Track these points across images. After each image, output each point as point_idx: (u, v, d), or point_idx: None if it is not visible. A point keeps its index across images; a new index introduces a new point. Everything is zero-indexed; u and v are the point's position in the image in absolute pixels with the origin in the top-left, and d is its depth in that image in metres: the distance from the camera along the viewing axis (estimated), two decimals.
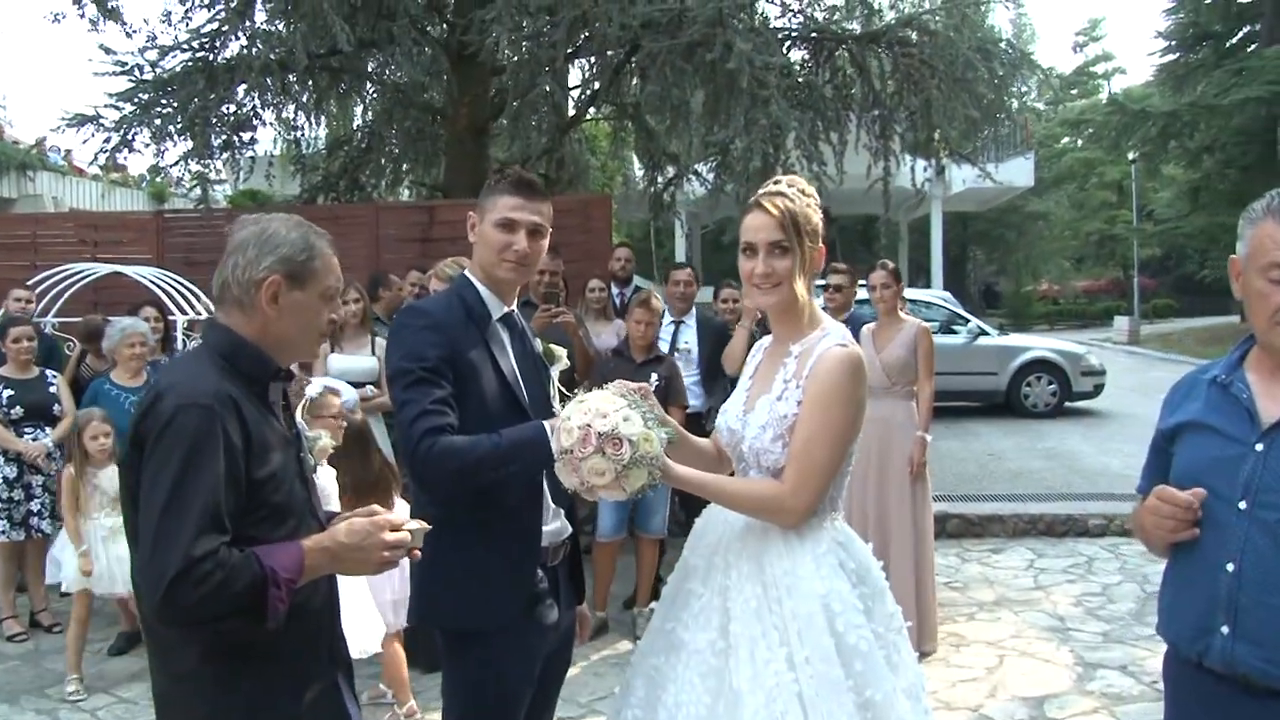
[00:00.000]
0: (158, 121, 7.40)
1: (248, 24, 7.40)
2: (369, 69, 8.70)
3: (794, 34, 8.27)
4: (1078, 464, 8.23)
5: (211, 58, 7.48)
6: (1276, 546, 1.51)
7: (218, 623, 1.45)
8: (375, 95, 9.39)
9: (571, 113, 8.76)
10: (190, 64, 7.48)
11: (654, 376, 4.23)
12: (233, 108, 7.88)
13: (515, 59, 7.12)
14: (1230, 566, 1.55)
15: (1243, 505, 1.55)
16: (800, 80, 7.72)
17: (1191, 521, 1.59)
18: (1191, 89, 18.92)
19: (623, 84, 8.43)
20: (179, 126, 7.42)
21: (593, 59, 8.05)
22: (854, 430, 1.87)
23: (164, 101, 7.46)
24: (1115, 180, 31.70)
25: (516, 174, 2.05)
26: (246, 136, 8.19)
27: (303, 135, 9.30)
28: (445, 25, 7.92)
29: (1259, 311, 1.58)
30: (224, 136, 7.89)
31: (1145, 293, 30.04)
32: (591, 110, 9.36)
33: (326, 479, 3.16)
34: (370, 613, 3.28)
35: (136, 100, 7.50)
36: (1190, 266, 29.47)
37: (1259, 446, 1.56)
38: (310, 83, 8.36)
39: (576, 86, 9.14)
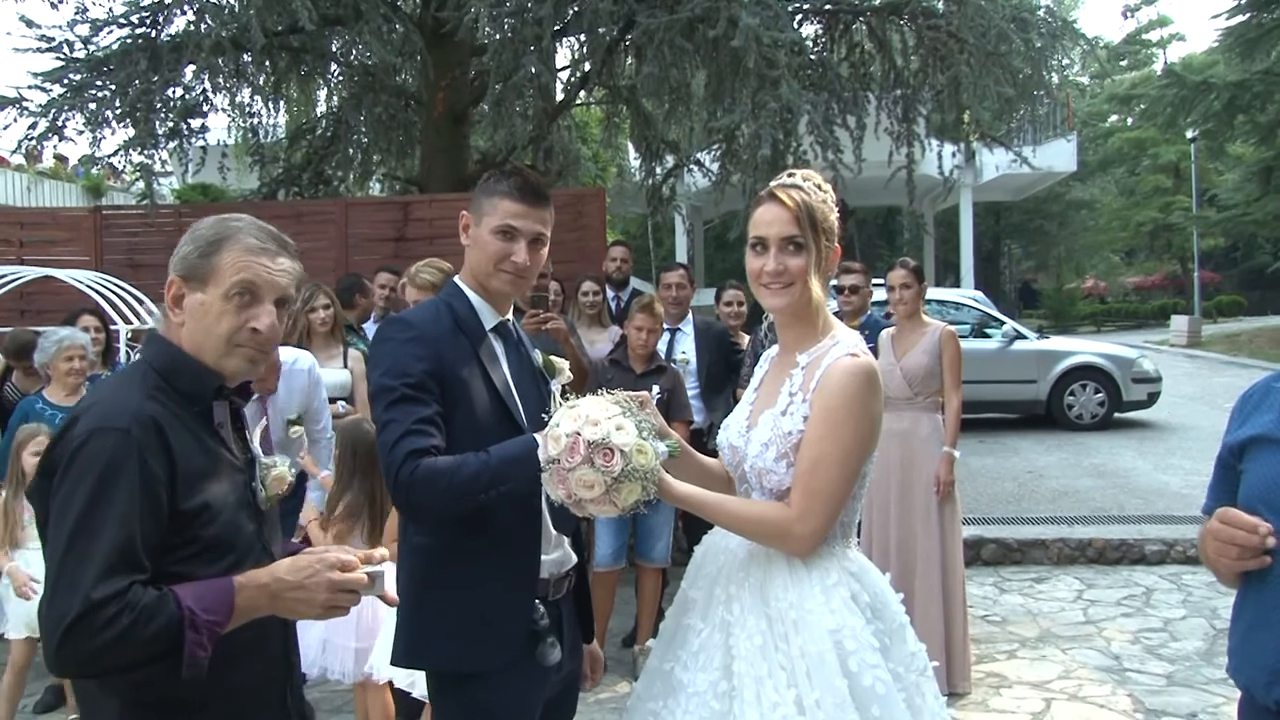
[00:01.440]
0: (92, 106, 7.42)
1: None
2: (334, 49, 8.77)
3: (806, 7, 8.36)
4: (1131, 483, 8.26)
5: (154, 34, 7.52)
6: None
7: (128, 673, 1.43)
8: (341, 78, 9.45)
9: (560, 97, 8.84)
10: (129, 41, 7.52)
11: (655, 389, 4.28)
12: (180, 91, 7.94)
13: (497, 37, 7.17)
14: None
15: None
16: (813, 58, 7.80)
17: (1259, 548, 1.55)
18: (1264, 54, 18.61)
19: (616, 65, 8.50)
20: (118, 112, 7.45)
21: (583, 37, 8.12)
22: (867, 449, 1.90)
23: (100, 83, 7.49)
24: (1171, 162, 31.85)
25: (520, 176, 2.06)
26: (196, 124, 8.26)
27: (260, 123, 9.36)
28: (418, 0, 8.00)
29: None
30: (170, 123, 7.93)
31: (1207, 288, 30.05)
32: (582, 94, 9.44)
33: None
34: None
35: (67, 81, 7.52)
36: (1261, 258, 29.50)
37: None
38: (268, 64, 8.44)
39: (565, 68, 9.23)
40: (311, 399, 4.27)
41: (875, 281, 5.36)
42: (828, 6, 8.31)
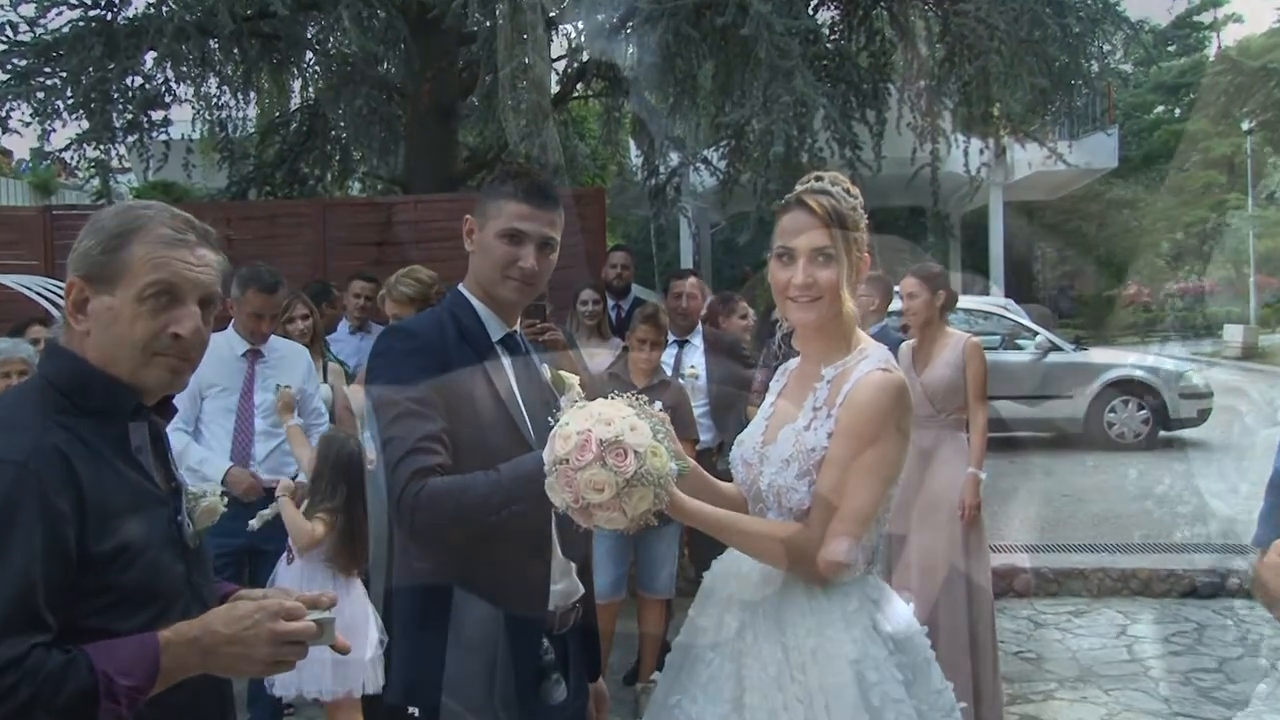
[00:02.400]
0: (40, 95, 7.47)
1: None
2: (309, 36, 8.86)
3: None
4: (1180, 508, 8.28)
5: (110, 17, 7.58)
6: None
7: None
8: (318, 68, 9.55)
9: (556, 89, 8.92)
10: (82, 24, 7.56)
11: (657, 405, 4.33)
12: (139, 80, 8.00)
13: (487, 25, 7.27)
14: None
15: None
16: (829, 47, 7.89)
17: None
18: None
19: (616, 54, 8.59)
20: (70, 102, 7.51)
21: (580, 24, 8.22)
22: (895, 469, 1.95)
23: (49, 70, 7.54)
24: (1224, 156, 31.82)
25: (527, 176, 2.11)
26: (158, 116, 8.32)
27: (229, 116, 9.44)
28: None
29: None
30: (129, 115, 7.98)
31: (1264, 294, 30.13)
32: (580, 86, 9.52)
33: None
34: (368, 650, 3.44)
35: (11, 67, 7.56)
36: None
37: None
38: (236, 51, 8.52)
39: (561, 58, 9.32)
40: (309, 388, 4.39)
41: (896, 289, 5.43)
42: None
